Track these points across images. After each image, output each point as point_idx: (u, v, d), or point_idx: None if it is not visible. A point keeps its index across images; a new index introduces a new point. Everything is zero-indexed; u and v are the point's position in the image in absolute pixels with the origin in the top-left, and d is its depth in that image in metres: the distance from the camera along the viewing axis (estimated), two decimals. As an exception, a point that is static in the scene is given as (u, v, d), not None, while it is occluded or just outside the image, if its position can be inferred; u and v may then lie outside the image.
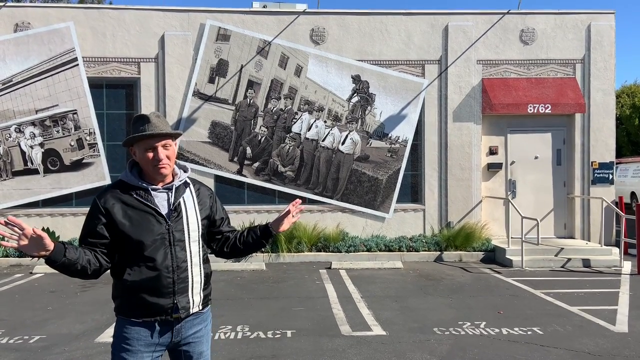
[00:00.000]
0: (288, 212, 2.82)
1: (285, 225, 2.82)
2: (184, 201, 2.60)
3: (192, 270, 2.57)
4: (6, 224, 2.21)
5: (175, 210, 2.55)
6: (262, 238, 2.81)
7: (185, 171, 2.68)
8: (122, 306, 2.54)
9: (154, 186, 2.55)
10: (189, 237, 2.57)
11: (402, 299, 7.70)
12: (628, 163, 21.97)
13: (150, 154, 2.50)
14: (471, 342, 5.69)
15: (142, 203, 2.50)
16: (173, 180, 2.61)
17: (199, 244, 2.62)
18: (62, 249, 2.33)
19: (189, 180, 2.68)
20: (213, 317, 2.54)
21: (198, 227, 2.62)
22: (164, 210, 2.53)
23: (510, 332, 6.03)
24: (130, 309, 2.51)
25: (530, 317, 6.67)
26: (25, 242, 2.22)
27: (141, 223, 2.48)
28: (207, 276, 2.69)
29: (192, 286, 2.57)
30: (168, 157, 2.53)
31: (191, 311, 2.58)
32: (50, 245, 2.27)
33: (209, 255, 2.78)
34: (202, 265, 2.64)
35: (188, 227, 2.57)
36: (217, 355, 5.26)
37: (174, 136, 2.57)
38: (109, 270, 2.58)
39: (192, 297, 2.58)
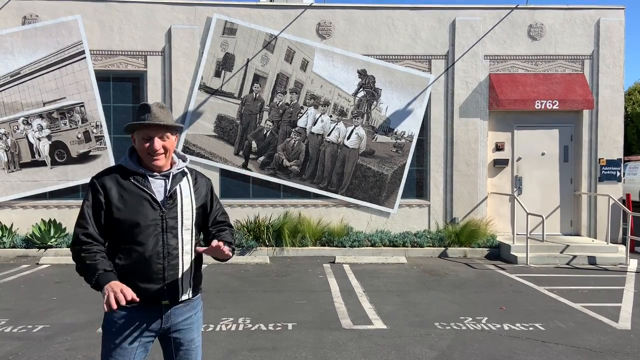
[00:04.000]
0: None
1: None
2: (180, 189, 2.62)
3: (182, 258, 2.59)
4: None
5: (171, 197, 2.58)
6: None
7: (184, 161, 2.71)
8: None
9: (151, 173, 2.59)
10: (182, 225, 2.59)
11: (405, 293, 7.69)
12: (637, 161, 21.76)
13: (147, 144, 2.54)
14: (472, 337, 5.68)
15: (138, 187, 2.54)
16: (171, 168, 2.64)
17: (191, 232, 2.64)
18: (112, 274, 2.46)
19: (186, 170, 2.70)
20: (216, 309, 2.56)
21: (192, 215, 2.63)
22: (159, 196, 2.56)
23: (511, 328, 6.01)
24: None
25: (532, 313, 6.64)
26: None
27: (136, 207, 2.51)
28: (199, 265, 2.71)
29: (182, 274, 2.59)
30: (165, 148, 2.56)
31: (180, 298, 2.60)
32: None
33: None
34: (193, 255, 2.64)
35: (182, 215, 2.59)
36: (218, 346, 5.30)
37: (172, 129, 2.59)
38: None
39: (182, 284, 2.60)
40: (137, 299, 2.39)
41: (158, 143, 2.53)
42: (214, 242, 2.50)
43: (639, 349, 5.37)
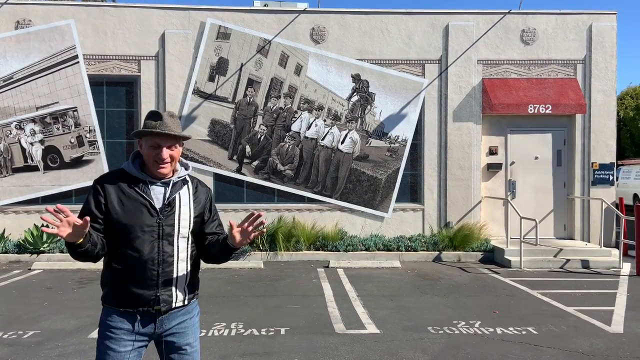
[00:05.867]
0: (244, 227, 2.56)
1: (239, 239, 2.55)
2: (179, 197, 2.63)
3: (177, 266, 2.60)
4: (55, 211, 2.29)
5: (169, 205, 2.58)
6: (225, 252, 2.66)
7: (186, 168, 2.72)
8: (107, 295, 2.60)
9: (152, 179, 2.59)
10: (179, 233, 2.60)
11: (398, 298, 7.68)
12: (631, 165, 21.86)
13: (154, 152, 2.54)
14: (465, 341, 5.67)
15: (137, 194, 2.55)
16: (172, 176, 2.64)
17: (187, 240, 2.64)
18: (88, 235, 2.41)
19: (188, 178, 2.71)
20: (208, 314, 2.52)
21: (189, 224, 2.64)
22: (158, 203, 2.57)
23: (504, 332, 6.01)
24: (114, 297, 2.56)
25: (525, 317, 6.64)
26: (67, 230, 2.29)
27: (133, 212, 2.52)
28: (194, 273, 2.71)
29: (177, 281, 2.60)
30: (171, 157, 2.57)
31: (173, 305, 2.61)
32: (85, 232, 2.35)
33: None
34: (189, 262, 2.65)
35: (179, 223, 2.60)
36: (210, 351, 5.27)
37: (181, 139, 2.62)
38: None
39: (176, 291, 2.60)
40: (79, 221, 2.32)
41: (166, 152, 2.54)
42: (251, 216, 2.53)
43: (631, 352, 5.37)
